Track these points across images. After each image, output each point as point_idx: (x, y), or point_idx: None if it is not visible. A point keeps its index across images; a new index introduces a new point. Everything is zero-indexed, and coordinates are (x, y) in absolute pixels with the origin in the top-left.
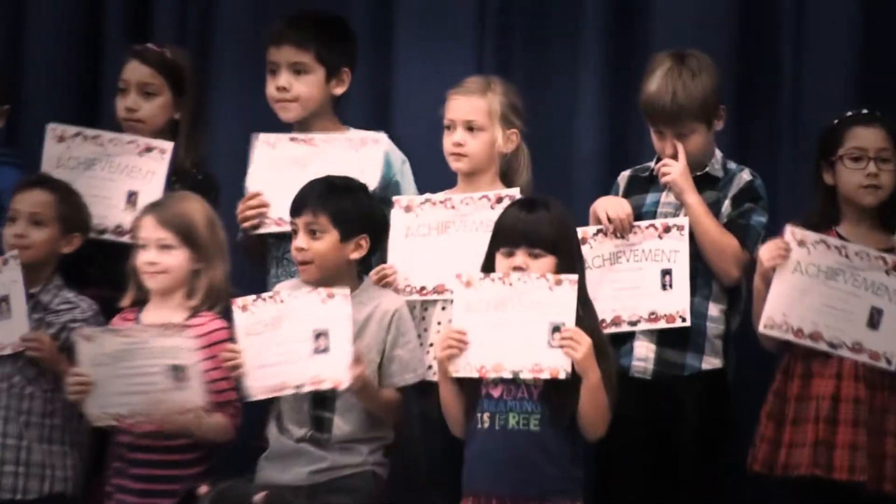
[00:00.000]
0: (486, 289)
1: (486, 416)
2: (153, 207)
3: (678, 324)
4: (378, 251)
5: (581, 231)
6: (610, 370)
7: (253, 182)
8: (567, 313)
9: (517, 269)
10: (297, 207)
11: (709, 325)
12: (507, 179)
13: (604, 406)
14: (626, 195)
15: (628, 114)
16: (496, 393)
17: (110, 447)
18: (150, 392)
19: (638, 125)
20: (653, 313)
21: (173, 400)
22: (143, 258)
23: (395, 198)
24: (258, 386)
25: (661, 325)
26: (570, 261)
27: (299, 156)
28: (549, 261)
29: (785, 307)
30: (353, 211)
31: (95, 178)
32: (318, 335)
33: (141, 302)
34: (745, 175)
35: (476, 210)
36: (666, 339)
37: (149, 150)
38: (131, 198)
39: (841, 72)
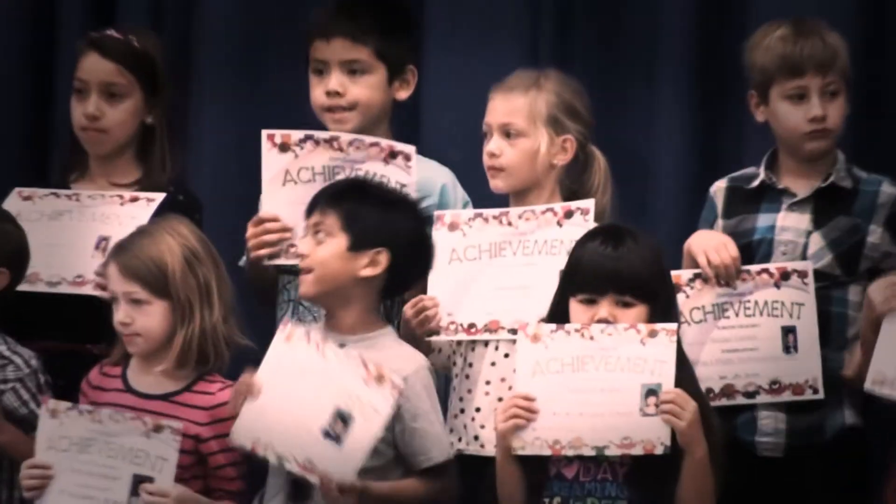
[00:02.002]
0: (560, 344)
1: (556, 501)
2: (117, 252)
3: (808, 396)
4: (415, 285)
5: (674, 275)
6: (716, 442)
7: (269, 200)
8: (665, 372)
9: (602, 321)
10: (310, 207)
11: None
12: None
13: (710, 487)
14: (727, 216)
15: (718, 128)
16: (570, 473)
17: None
18: (99, 501)
19: (731, 141)
20: (775, 382)
21: None
22: (115, 316)
23: (437, 213)
24: (242, 432)
25: (787, 397)
26: (665, 309)
27: (327, 164)
28: (640, 311)
29: None
30: (374, 216)
31: (61, 227)
32: (339, 416)
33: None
34: (889, 188)
35: (539, 227)
36: (795, 404)
37: (134, 200)
38: (101, 244)
39: None
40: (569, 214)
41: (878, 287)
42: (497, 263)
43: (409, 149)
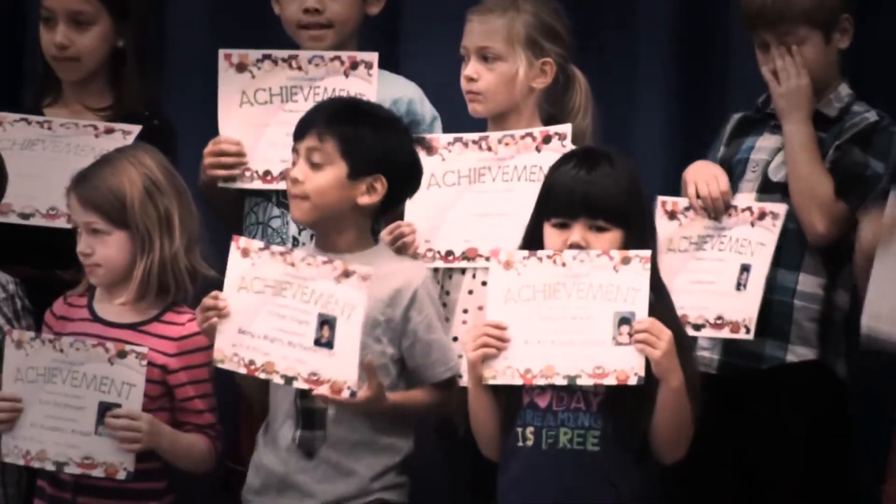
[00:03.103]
0: (532, 271)
1: (529, 431)
2: (77, 182)
3: (741, 335)
4: (404, 202)
5: (672, 202)
6: (693, 371)
7: (225, 121)
8: (639, 300)
9: (574, 246)
10: (302, 129)
11: (798, 303)
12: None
13: (687, 419)
14: (728, 143)
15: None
16: (543, 402)
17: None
18: (67, 432)
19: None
20: (719, 318)
21: (94, 448)
22: (78, 246)
23: (415, 136)
24: (231, 353)
25: (724, 334)
26: (640, 234)
27: (284, 84)
28: (614, 236)
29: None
30: (372, 142)
31: (34, 157)
32: (323, 323)
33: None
34: (871, 115)
35: (518, 153)
36: None
37: (109, 132)
38: None
39: None
40: (547, 139)
41: (867, 222)
42: (476, 189)
43: (371, 56)
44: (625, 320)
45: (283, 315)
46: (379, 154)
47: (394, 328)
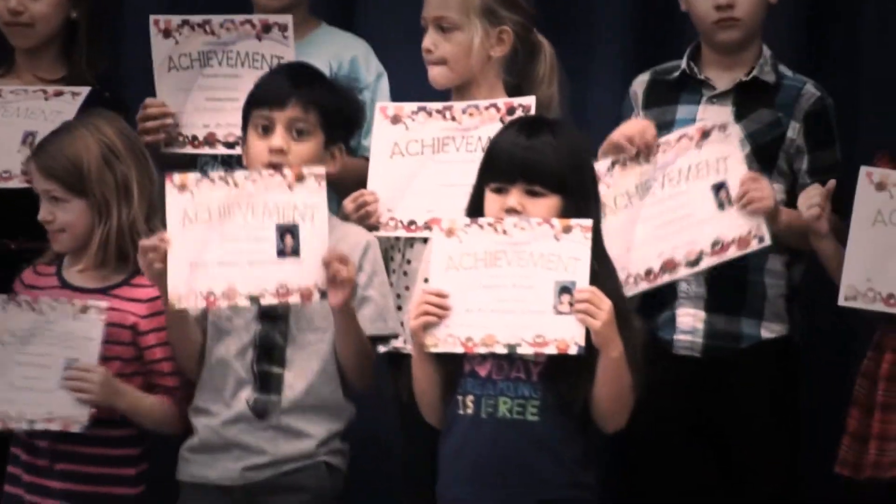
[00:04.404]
0: (474, 238)
1: (469, 399)
2: (37, 151)
3: (755, 246)
4: None
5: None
6: (635, 342)
7: (160, 86)
8: (580, 270)
9: (510, 211)
10: (279, 98)
11: (768, 281)
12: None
13: (627, 389)
14: (647, 106)
15: None
16: (483, 371)
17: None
18: (37, 391)
19: None
20: (717, 242)
21: (55, 403)
22: (40, 213)
23: (379, 104)
24: (187, 290)
25: (733, 253)
26: (582, 202)
27: (201, 49)
28: (552, 202)
29: (868, 270)
30: (340, 112)
31: None
32: (284, 232)
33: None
34: (812, 89)
35: (482, 123)
36: (717, 303)
37: (58, 94)
38: (27, 139)
39: None
40: (511, 111)
41: (804, 196)
42: (440, 159)
43: (285, 19)
44: (566, 289)
45: (236, 237)
46: (343, 121)
47: None
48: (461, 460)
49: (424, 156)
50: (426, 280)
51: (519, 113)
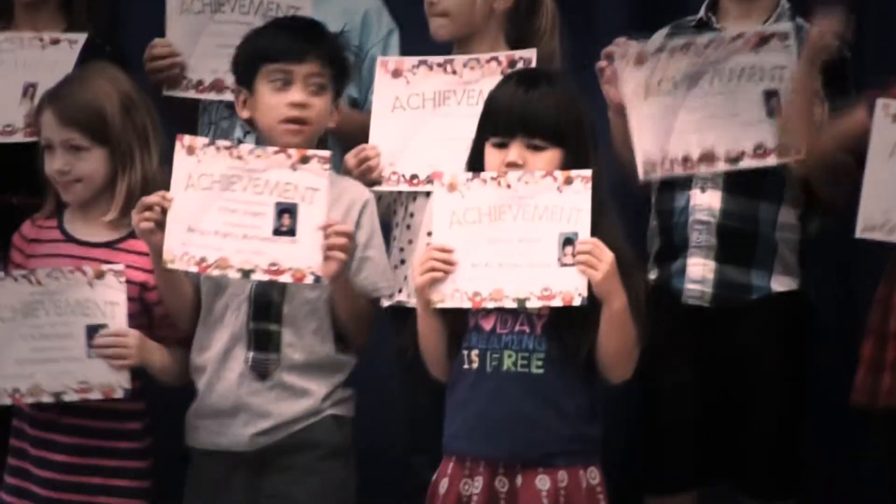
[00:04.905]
0: (476, 193)
1: (474, 354)
2: (52, 99)
3: (791, 157)
4: None
5: (636, 48)
6: (638, 292)
7: (171, 30)
8: (581, 220)
9: (511, 165)
10: (298, 51)
11: (779, 235)
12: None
13: (631, 340)
14: None
15: None
16: (487, 325)
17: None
18: (60, 361)
19: None
20: (760, 146)
21: (89, 372)
22: (52, 164)
23: (380, 59)
24: (181, 251)
25: (771, 161)
26: (581, 154)
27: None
28: (553, 154)
29: (886, 202)
30: (346, 69)
31: None
32: (282, 211)
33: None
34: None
35: (483, 77)
36: (728, 254)
37: (55, 42)
38: (28, 91)
39: None
40: (512, 64)
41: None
42: (441, 113)
43: None
44: (569, 241)
45: (235, 209)
46: (346, 77)
47: None
48: (466, 413)
49: (426, 109)
50: (430, 234)
51: (520, 66)
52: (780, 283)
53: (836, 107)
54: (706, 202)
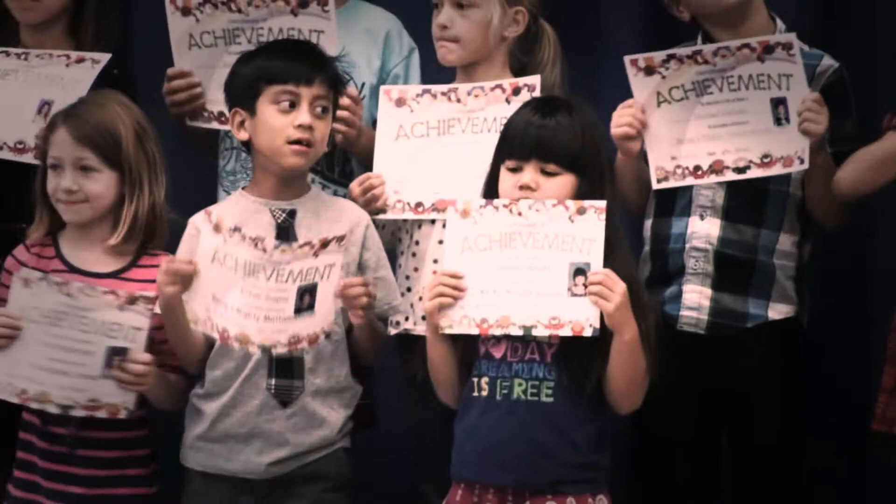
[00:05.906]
0: (488, 220)
1: (484, 381)
2: (67, 118)
3: (796, 166)
4: None
5: (645, 58)
6: (648, 324)
7: (179, 63)
8: (594, 251)
9: (524, 188)
10: (306, 74)
11: (777, 262)
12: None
13: (641, 371)
14: None
15: None
16: (498, 353)
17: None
18: (73, 376)
19: None
20: (766, 156)
21: (99, 390)
22: (59, 183)
23: (383, 88)
24: (205, 317)
25: (777, 170)
26: (595, 182)
27: (226, 27)
28: (566, 181)
29: None
30: (343, 93)
31: (6, 87)
32: (304, 293)
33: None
34: (829, 61)
35: (487, 104)
36: (725, 282)
37: (80, 61)
38: (43, 108)
39: None
40: (516, 91)
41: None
42: (445, 141)
43: None
44: (580, 271)
45: (257, 294)
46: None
47: (350, 269)
48: (475, 440)
49: (430, 138)
50: (435, 261)
51: (524, 93)
52: (777, 311)
53: (839, 130)
54: (705, 230)
